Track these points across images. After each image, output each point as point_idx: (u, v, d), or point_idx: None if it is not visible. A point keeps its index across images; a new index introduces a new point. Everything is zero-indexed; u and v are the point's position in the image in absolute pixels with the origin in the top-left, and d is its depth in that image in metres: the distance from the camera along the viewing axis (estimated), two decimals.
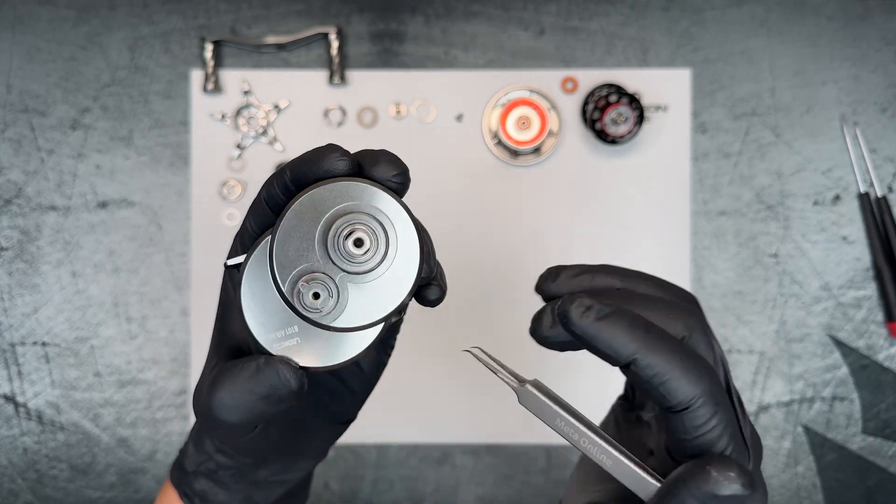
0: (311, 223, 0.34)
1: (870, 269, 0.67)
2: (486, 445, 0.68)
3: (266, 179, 0.36)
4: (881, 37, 0.67)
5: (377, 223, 0.34)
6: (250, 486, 0.43)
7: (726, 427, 0.31)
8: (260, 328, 0.35)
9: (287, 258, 0.33)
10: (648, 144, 0.68)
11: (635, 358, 0.30)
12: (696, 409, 0.30)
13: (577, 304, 0.32)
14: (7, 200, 0.67)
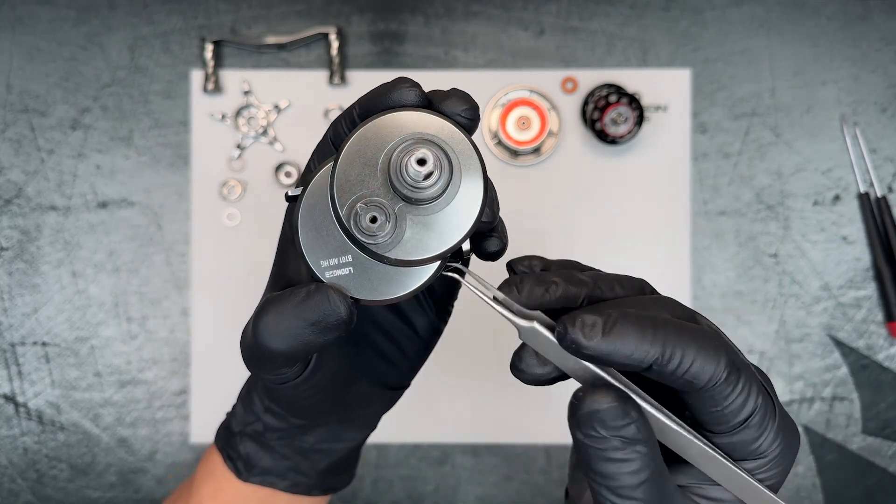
0: (375, 149, 0.33)
1: (869, 269, 0.67)
2: (486, 445, 0.68)
3: (334, 119, 0.35)
4: (881, 37, 0.67)
5: (442, 153, 0.32)
6: (296, 453, 0.42)
7: (752, 385, 0.32)
8: (314, 255, 0.34)
9: (348, 182, 0.33)
10: (648, 144, 0.68)
11: (656, 358, 0.30)
12: (722, 382, 0.31)
13: (580, 324, 0.30)
14: (7, 200, 0.67)
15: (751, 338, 0.67)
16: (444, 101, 0.33)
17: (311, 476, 0.43)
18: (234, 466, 0.43)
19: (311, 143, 0.71)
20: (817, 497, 0.67)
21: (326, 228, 0.34)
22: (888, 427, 0.67)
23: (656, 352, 0.30)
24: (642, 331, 0.30)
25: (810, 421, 0.67)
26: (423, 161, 0.32)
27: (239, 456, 0.43)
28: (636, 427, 0.31)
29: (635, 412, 0.31)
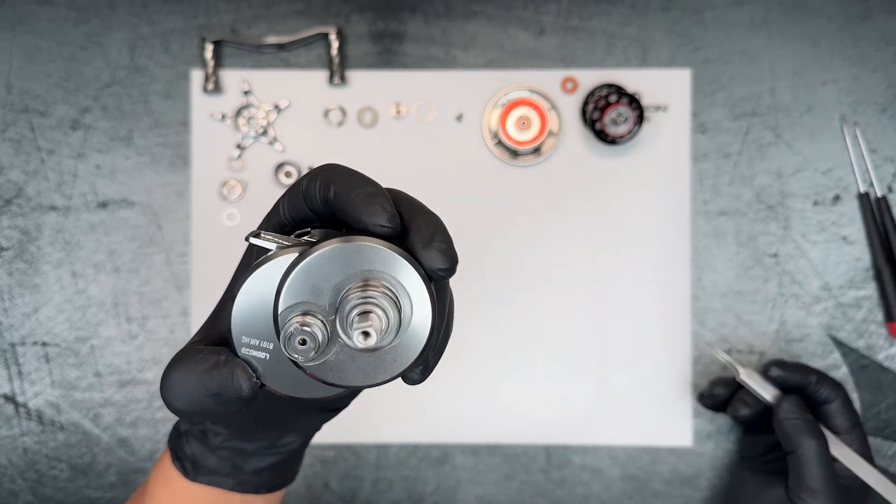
0: (337, 272, 0.32)
1: (870, 269, 0.67)
2: (486, 445, 0.68)
3: (311, 171, 0.36)
4: (881, 37, 0.67)
5: (396, 312, 0.32)
6: (237, 455, 0.43)
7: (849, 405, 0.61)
8: (240, 327, 0.33)
9: (299, 288, 0.32)
10: (648, 144, 0.68)
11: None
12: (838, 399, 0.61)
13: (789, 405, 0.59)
14: (7, 200, 0.67)
15: (751, 338, 0.67)
16: (424, 247, 0.33)
17: (255, 475, 0.44)
18: (182, 466, 0.44)
19: (311, 142, 0.71)
20: None
21: (264, 306, 0.33)
22: (888, 427, 0.67)
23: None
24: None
25: None
26: (367, 334, 0.31)
27: (186, 456, 0.44)
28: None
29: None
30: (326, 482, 0.68)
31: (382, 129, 0.68)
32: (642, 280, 0.68)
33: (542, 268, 0.68)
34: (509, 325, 0.68)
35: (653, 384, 0.68)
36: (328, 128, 0.68)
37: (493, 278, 0.68)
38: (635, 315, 0.68)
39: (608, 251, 0.68)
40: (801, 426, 0.56)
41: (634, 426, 0.68)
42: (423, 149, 0.68)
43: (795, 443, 0.56)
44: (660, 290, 0.68)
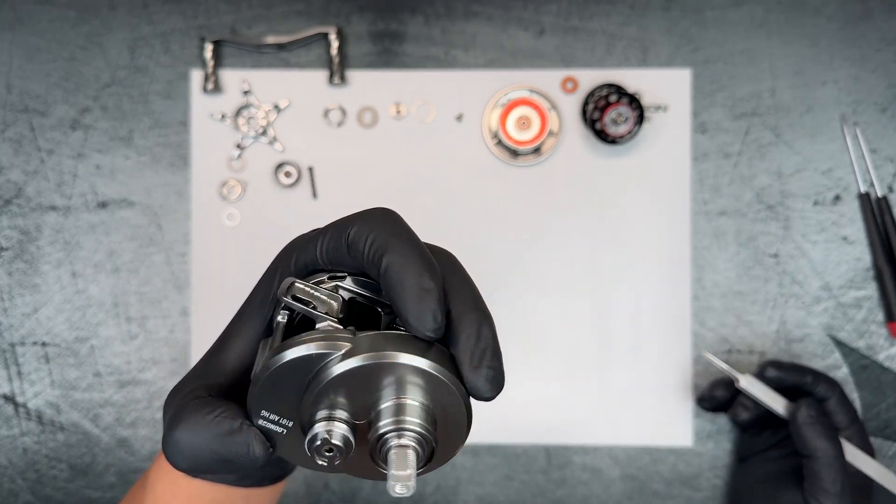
0: (377, 383, 0.30)
1: (870, 269, 0.67)
2: (487, 445, 0.68)
3: (363, 216, 0.32)
4: (881, 37, 0.67)
5: (431, 442, 0.30)
6: None
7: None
8: (261, 400, 0.31)
9: (335, 391, 0.30)
10: (648, 144, 0.68)
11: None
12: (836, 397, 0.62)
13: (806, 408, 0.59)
14: (7, 200, 0.67)
15: (751, 338, 0.67)
16: (473, 369, 0.30)
17: (260, 468, 0.42)
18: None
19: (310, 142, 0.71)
20: None
21: (290, 390, 0.31)
22: (889, 427, 0.67)
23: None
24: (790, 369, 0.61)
25: None
26: (404, 482, 0.29)
27: None
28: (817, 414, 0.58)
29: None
30: (326, 482, 0.68)
31: (382, 129, 0.68)
32: (642, 280, 0.68)
33: (542, 268, 0.68)
34: (509, 325, 0.68)
35: (653, 384, 0.68)
36: (328, 128, 0.68)
37: (492, 278, 0.68)
38: (635, 315, 0.68)
39: (608, 251, 0.68)
40: (820, 431, 0.57)
41: (635, 426, 0.68)
42: (423, 149, 0.68)
43: (813, 447, 0.57)
44: (660, 290, 0.68)
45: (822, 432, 0.57)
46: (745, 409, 0.62)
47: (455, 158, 0.68)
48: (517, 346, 0.68)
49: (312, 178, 0.68)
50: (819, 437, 0.57)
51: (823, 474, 0.57)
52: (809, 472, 0.58)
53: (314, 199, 0.68)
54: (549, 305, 0.68)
